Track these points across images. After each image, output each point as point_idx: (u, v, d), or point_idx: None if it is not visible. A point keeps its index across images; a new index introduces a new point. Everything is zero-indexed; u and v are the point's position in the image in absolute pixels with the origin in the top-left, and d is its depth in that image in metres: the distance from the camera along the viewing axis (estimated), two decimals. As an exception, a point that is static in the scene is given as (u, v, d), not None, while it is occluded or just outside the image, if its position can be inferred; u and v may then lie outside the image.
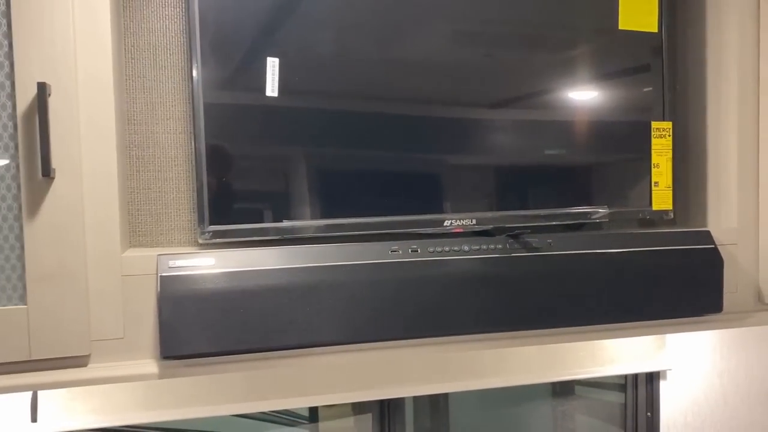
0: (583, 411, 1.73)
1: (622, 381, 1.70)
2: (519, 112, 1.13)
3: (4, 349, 0.87)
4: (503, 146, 1.12)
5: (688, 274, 1.13)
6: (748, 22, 1.19)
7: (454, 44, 1.08)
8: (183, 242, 1.09)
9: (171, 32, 1.07)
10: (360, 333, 0.98)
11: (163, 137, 1.07)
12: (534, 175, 1.14)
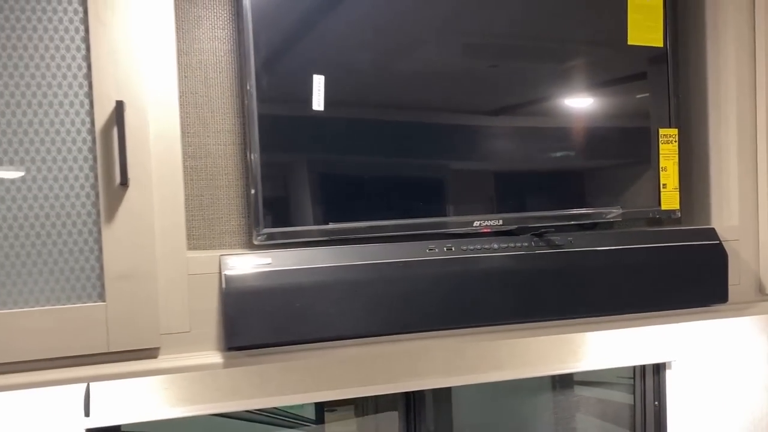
0: (597, 401, 1.83)
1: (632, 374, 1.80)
2: (541, 120, 1.23)
3: (85, 342, 0.95)
4: (526, 153, 1.22)
5: (695, 268, 1.24)
6: (744, 35, 1.30)
7: (482, 59, 1.18)
8: (233, 245, 1.18)
9: (220, 52, 1.17)
10: (402, 324, 1.08)
11: (214, 149, 1.17)
12: (554, 178, 1.24)
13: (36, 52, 0.94)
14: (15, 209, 0.94)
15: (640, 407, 1.80)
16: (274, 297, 1.01)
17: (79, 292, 0.96)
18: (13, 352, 0.93)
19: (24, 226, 0.94)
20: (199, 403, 1.39)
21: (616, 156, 1.28)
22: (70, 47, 0.95)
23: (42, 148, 0.94)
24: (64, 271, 0.96)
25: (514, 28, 1.20)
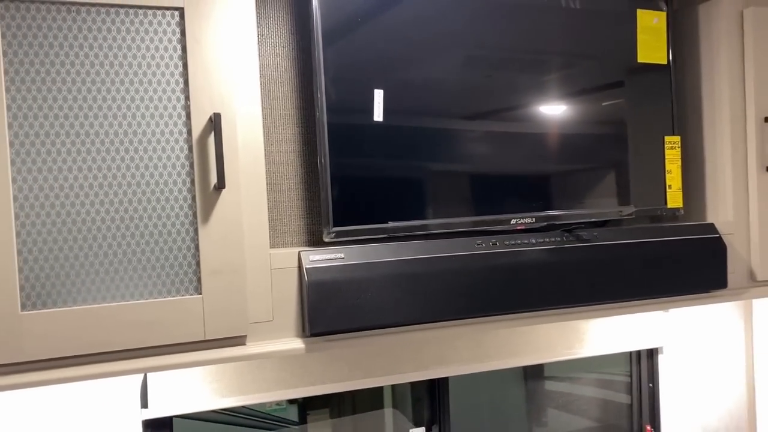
0: (599, 382, 2.00)
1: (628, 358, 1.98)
2: (565, 130, 1.38)
3: (185, 331, 1.05)
4: (556, 159, 1.37)
5: (699, 258, 1.41)
6: (735, 54, 1.49)
7: (523, 74, 1.33)
8: (295, 243, 1.29)
9: (281, 68, 1.28)
10: (456, 311, 1.21)
11: (276, 156, 1.28)
12: (576, 181, 1.40)
13: (140, 69, 1.04)
14: (122, 211, 1.03)
15: (636, 387, 1.98)
16: (349, 288, 1.13)
17: (178, 286, 1.06)
18: (120, 341, 1.02)
19: (129, 226, 1.04)
20: (246, 393, 1.49)
21: (629, 161, 1.45)
22: (168, 65, 1.06)
23: (145, 156, 1.04)
24: (165, 267, 1.06)
25: (550, 51, 1.35)
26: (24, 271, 0.98)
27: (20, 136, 0.98)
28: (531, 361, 1.74)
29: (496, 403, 1.89)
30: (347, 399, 1.74)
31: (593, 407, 1.98)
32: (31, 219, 0.99)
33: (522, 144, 1.34)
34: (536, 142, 1.35)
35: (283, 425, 1.69)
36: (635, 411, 1.98)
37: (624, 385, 2.00)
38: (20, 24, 0.98)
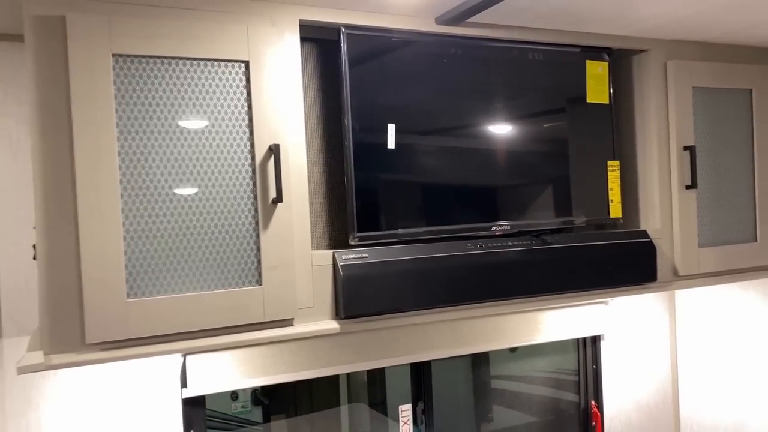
0: (551, 364, 2.37)
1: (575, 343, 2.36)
2: (531, 157, 1.74)
3: (249, 314, 1.34)
4: (523, 179, 1.72)
5: (635, 257, 1.79)
6: (660, 95, 1.88)
7: (498, 113, 1.68)
8: (320, 246, 1.59)
9: (310, 106, 1.59)
10: (451, 298, 1.54)
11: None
12: (543, 198, 1.75)
13: (215, 108, 1.33)
14: (202, 220, 1.31)
15: (582, 369, 2.36)
16: (373, 280, 1.44)
17: (244, 279, 1.35)
18: (200, 322, 1.30)
19: (207, 232, 1.32)
20: (268, 375, 1.77)
21: (581, 182, 1.82)
22: (237, 105, 1.35)
23: (219, 176, 1.33)
24: (234, 264, 1.34)
25: (520, 95, 1.71)
26: (128, 267, 1.25)
27: (126, 161, 1.26)
28: (499, 346, 2.08)
29: (468, 381, 2.23)
30: (306, 399, 2.03)
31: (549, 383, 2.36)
32: (134, 227, 1.26)
33: (499, 168, 1.69)
34: (510, 166, 1.70)
35: (247, 426, 1.96)
36: (582, 389, 2.36)
37: (572, 369, 2.37)
38: (126, 73, 1.26)
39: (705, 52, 1.96)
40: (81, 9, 1.24)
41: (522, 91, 1.73)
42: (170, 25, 1.28)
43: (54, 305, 1.22)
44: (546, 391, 2.36)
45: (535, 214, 1.74)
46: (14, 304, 1.56)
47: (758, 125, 2.01)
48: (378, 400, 2.14)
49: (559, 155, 1.78)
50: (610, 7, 1.57)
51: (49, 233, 1.22)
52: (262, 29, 1.37)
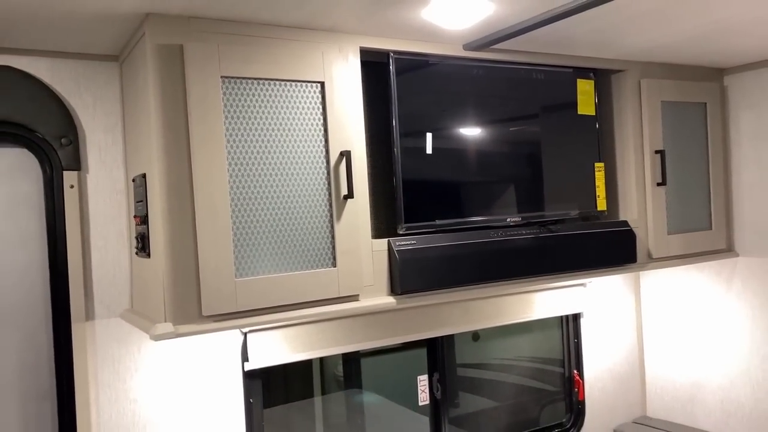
0: (542, 339, 2.72)
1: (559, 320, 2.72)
2: (538, 161, 2.08)
3: (327, 290, 1.62)
4: (533, 179, 2.06)
5: (619, 243, 2.15)
6: (636, 109, 2.26)
7: (511, 124, 2.01)
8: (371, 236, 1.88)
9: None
10: (481, 276, 1.86)
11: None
12: (545, 194, 2.10)
13: (298, 121, 1.61)
14: (289, 214, 1.59)
15: (566, 343, 2.72)
16: (420, 262, 1.75)
17: (322, 262, 1.63)
18: (290, 297, 1.57)
19: (293, 224, 1.60)
20: (312, 350, 2.05)
21: (576, 180, 2.17)
22: (314, 118, 1.63)
23: (301, 178, 1.61)
24: (314, 249, 1.62)
25: (527, 108, 2.05)
26: (236, 253, 1.52)
27: (232, 165, 1.52)
28: (499, 323, 2.42)
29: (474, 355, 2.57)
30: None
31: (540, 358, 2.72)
32: (240, 219, 1.53)
33: (510, 170, 2.03)
34: (519, 168, 2.04)
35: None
36: (566, 361, 2.72)
37: (558, 342, 2.74)
38: (231, 92, 1.52)
39: (671, 73, 2.35)
40: (195, 39, 1.50)
41: (527, 105, 2.07)
42: (264, 52, 1.56)
43: (177, 285, 1.47)
44: (536, 363, 2.72)
45: (539, 208, 2.08)
46: (104, 290, 1.78)
47: (711, 132, 2.42)
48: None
49: (557, 158, 2.13)
50: (598, 37, 1.92)
51: (172, 226, 1.47)
52: (333, 55, 1.65)
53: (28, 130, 1.68)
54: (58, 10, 1.41)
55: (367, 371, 2.41)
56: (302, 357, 2.05)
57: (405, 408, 2.41)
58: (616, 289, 2.79)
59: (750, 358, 2.46)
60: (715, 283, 2.56)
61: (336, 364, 2.36)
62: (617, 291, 2.79)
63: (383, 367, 2.45)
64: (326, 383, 2.35)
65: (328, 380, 2.36)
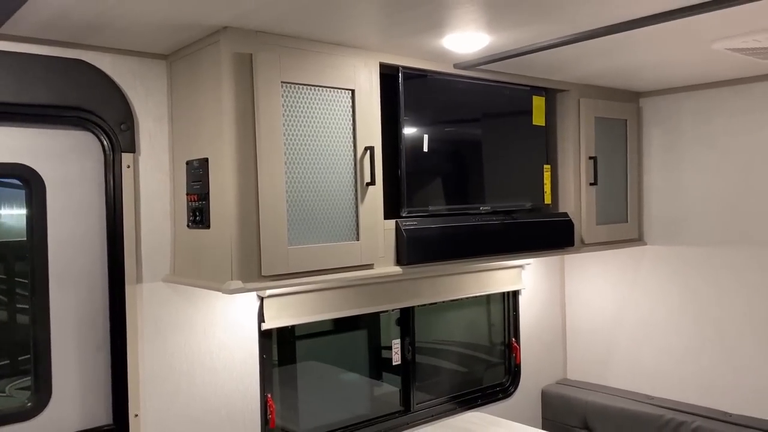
0: (491, 309, 3.21)
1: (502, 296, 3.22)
2: (505, 163, 2.55)
3: (352, 259, 2.00)
4: (501, 177, 2.53)
5: (561, 230, 2.67)
6: (575, 121, 2.79)
7: (482, 130, 2.47)
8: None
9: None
10: (463, 253, 2.31)
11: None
12: (509, 189, 2.57)
13: (333, 120, 1.97)
14: (326, 196, 1.95)
15: (507, 316, 3.23)
16: (421, 239, 2.17)
17: (348, 236, 2.01)
18: (319, 264, 1.94)
19: (326, 204, 1.96)
20: (316, 314, 2.41)
21: (529, 179, 2.67)
22: (345, 118, 2.00)
23: (333, 168, 1.97)
24: (342, 226, 2.00)
25: (495, 120, 2.51)
26: (289, 224, 1.87)
27: (288, 154, 1.87)
28: (459, 296, 2.88)
29: (443, 325, 3.01)
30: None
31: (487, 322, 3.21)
32: (292, 198, 1.88)
33: (484, 168, 2.49)
34: (490, 167, 2.51)
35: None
36: (506, 330, 3.23)
37: (501, 316, 3.24)
38: (288, 95, 1.87)
39: (603, 94, 2.90)
40: (262, 49, 1.83)
41: (496, 115, 2.54)
42: (312, 62, 1.91)
43: (243, 250, 1.80)
44: (482, 333, 3.21)
45: (503, 200, 2.56)
46: (150, 257, 2.06)
47: (629, 143, 3.00)
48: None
49: (517, 160, 2.61)
50: (551, 65, 2.41)
51: (240, 201, 1.80)
52: (360, 68, 2.03)
53: (95, 116, 1.93)
54: (148, 19, 1.70)
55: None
56: (306, 320, 2.41)
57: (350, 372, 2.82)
58: (546, 271, 3.33)
59: (654, 327, 3.07)
60: (627, 266, 3.15)
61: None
62: (547, 272, 3.34)
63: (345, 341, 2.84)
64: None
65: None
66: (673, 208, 2.99)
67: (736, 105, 2.76)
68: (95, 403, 1.99)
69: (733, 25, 1.89)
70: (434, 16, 1.75)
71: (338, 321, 2.66)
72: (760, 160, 2.70)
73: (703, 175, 2.88)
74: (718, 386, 2.84)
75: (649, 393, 3.08)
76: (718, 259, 2.84)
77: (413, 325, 2.83)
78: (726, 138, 2.80)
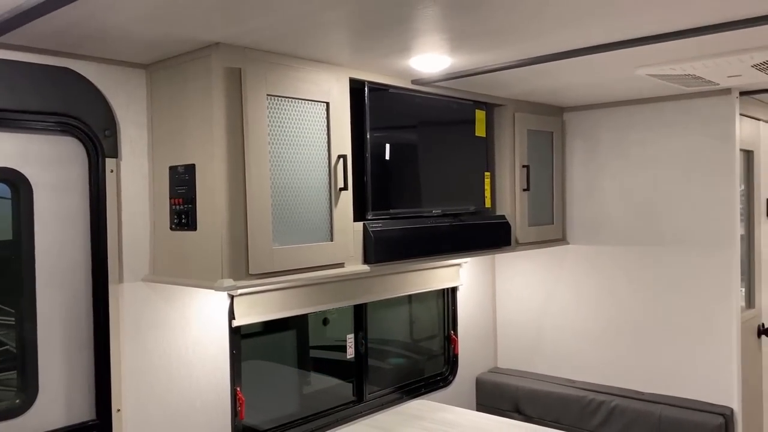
0: (432, 305, 3.46)
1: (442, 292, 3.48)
2: (453, 170, 2.81)
3: (327, 258, 2.18)
4: (449, 184, 2.79)
5: (499, 232, 2.96)
6: (510, 133, 3.09)
7: (430, 141, 2.71)
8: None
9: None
10: (421, 252, 2.54)
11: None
12: (457, 194, 2.83)
13: (312, 130, 2.15)
14: (304, 200, 2.12)
15: (446, 310, 3.49)
16: (386, 240, 2.37)
17: (323, 237, 2.19)
18: (299, 262, 2.11)
19: (304, 210, 2.13)
20: (281, 311, 2.57)
21: (472, 185, 2.94)
22: (321, 129, 2.18)
23: (309, 174, 2.15)
24: (317, 228, 2.17)
25: (443, 130, 2.76)
26: (273, 226, 2.02)
27: (272, 161, 2.02)
28: (408, 292, 3.12)
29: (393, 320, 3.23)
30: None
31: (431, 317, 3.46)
32: (276, 202, 2.03)
33: (435, 174, 2.73)
34: (441, 173, 2.75)
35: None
36: (446, 324, 3.50)
37: (441, 310, 3.50)
38: (273, 106, 2.03)
39: (534, 109, 3.22)
40: (250, 64, 1.98)
41: (446, 127, 2.79)
42: (293, 77, 2.08)
43: (232, 250, 1.94)
44: (424, 327, 3.46)
45: (451, 204, 2.81)
46: (131, 258, 2.15)
47: (555, 153, 3.35)
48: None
49: (463, 167, 2.88)
50: (491, 84, 2.70)
51: (231, 204, 1.94)
52: (334, 82, 2.22)
53: (80, 122, 2.01)
54: (143, 33, 1.81)
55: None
56: (273, 316, 2.56)
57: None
58: (480, 268, 3.63)
59: (575, 317, 3.43)
60: (551, 263, 3.50)
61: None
62: (480, 270, 3.63)
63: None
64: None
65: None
66: (592, 211, 3.36)
67: (647, 121, 3.16)
68: (79, 400, 2.05)
69: (654, 57, 2.22)
70: (407, 41, 1.96)
71: (270, 322, 2.77)
72: (665, 170, 3.10)
73: (618, 182, 3.27)
74: (631, 368, 3.23)
75: (572, 377, 3.44)
76: (629, 256, 3.23)
77: (366, 321, 3.03)
78: (638, 149, 3.19)
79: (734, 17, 1.75)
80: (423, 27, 1.81)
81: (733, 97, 2.90)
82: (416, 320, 3.45)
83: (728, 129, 2.92)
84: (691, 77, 2.50)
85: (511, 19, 1.75)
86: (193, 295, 2.33)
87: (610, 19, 1.76)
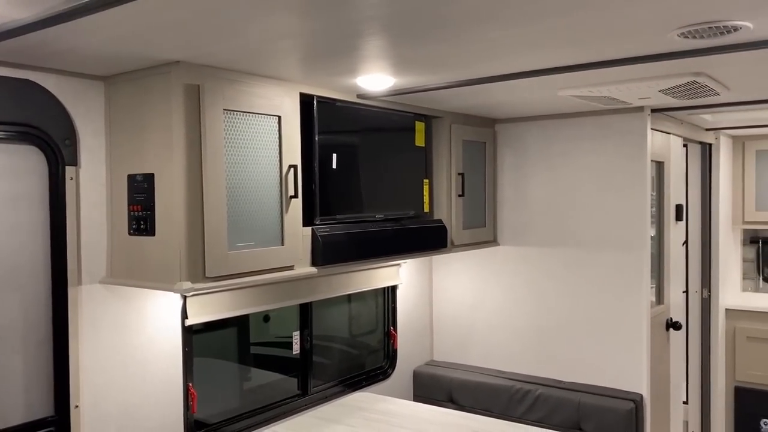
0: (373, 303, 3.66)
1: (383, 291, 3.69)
2: (396, 178, 3.01)
3: (278, 261, 2.34)
4: (391, 189, 2.99)
5: (437, 235, 3.19)
6: (447, 143, 3.32)
7: (380, 148, 2.91)
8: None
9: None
10: (365, 254, 2.73)
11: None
12: (398, 200, 3.04)
13: (264, 142, 2.31)
14: (257, 207, 2.28)
15: (386, 307, 3.70)
16: (333, 243, 2.56)
17: (274, 241, 2.35)
18: (252, 265, 2.27)
19: (256, 216, 2.29)
20: (233, 310, 2.71)
21: (412, 191, 3.15)
22: (273, 141, 2.34)
23: (260, 183, 2.31)
24: (269, 234, 2.33)
25: (386, 139, 2.96)
26: (228, 231, 2.17)
27: (228, 170, 2.17)
28: (352, 290, 3.31)
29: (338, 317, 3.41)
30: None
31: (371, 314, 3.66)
32: (232, 209, 2.19)
33: (378, 182, 2.93)
34: (383, 180, 2.96)
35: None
36: (386, 320, 3.71)
37: (381, 307, 3.71)
38: (228, 120, 2.17)
39: (469, 121, 3.47)
40: (208, 81, 2.12)
41: (388, 137, 2.99)
42: (247, 93, 2.23)
43: (190, 255, 2.08)
44: (370, 320, 3.66)
45: (393, 209, 3.02)
46: (89, 262, 2.26)
47: (487, 162, 3.60)
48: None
49: (404, 175, 3.09)
50: (434, 98, 2.92)
51: (189, 211, 2.08)
52: (285, 97, 2.38)
53: (42, 131, 2.10)
54: (107, 51, 1.92)
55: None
56: (224, 316, 2.70)
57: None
58: (418, 268, 3.86)
59: (504, 313, 3.71)
60: (484, 263, 3.76)
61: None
62: (418, 269, 3.86)
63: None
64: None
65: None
66: (520, 215, 3.64)
67: (569, 133, 3.45)
68: (38, 397, 2.15)
69: (574, 81, 2.49)
70: (355, 64, 2.15)
71: (212, 321, 2.90)
72: (584, 179, 3.41)
73: (543, 189, 3.55)
74: (554, 359, 3.53)
75: (501, 368, 3.71)
76: (553, 256, 3.53)
77: (311, 319, 3.21)
78: (560, 159, 3.49)
79: (636, 53, 2.02)
80: (370, 54, 2.00)
81: (645, 114, 3.22)
82: (358, 317, 3.65)
83: (641, 142, 3.24)
84: (608, 98, 2.78)
85: (449, 50, 1.96)
86: (149, 297, 2.44)
87: (534, 52, 2.00)
